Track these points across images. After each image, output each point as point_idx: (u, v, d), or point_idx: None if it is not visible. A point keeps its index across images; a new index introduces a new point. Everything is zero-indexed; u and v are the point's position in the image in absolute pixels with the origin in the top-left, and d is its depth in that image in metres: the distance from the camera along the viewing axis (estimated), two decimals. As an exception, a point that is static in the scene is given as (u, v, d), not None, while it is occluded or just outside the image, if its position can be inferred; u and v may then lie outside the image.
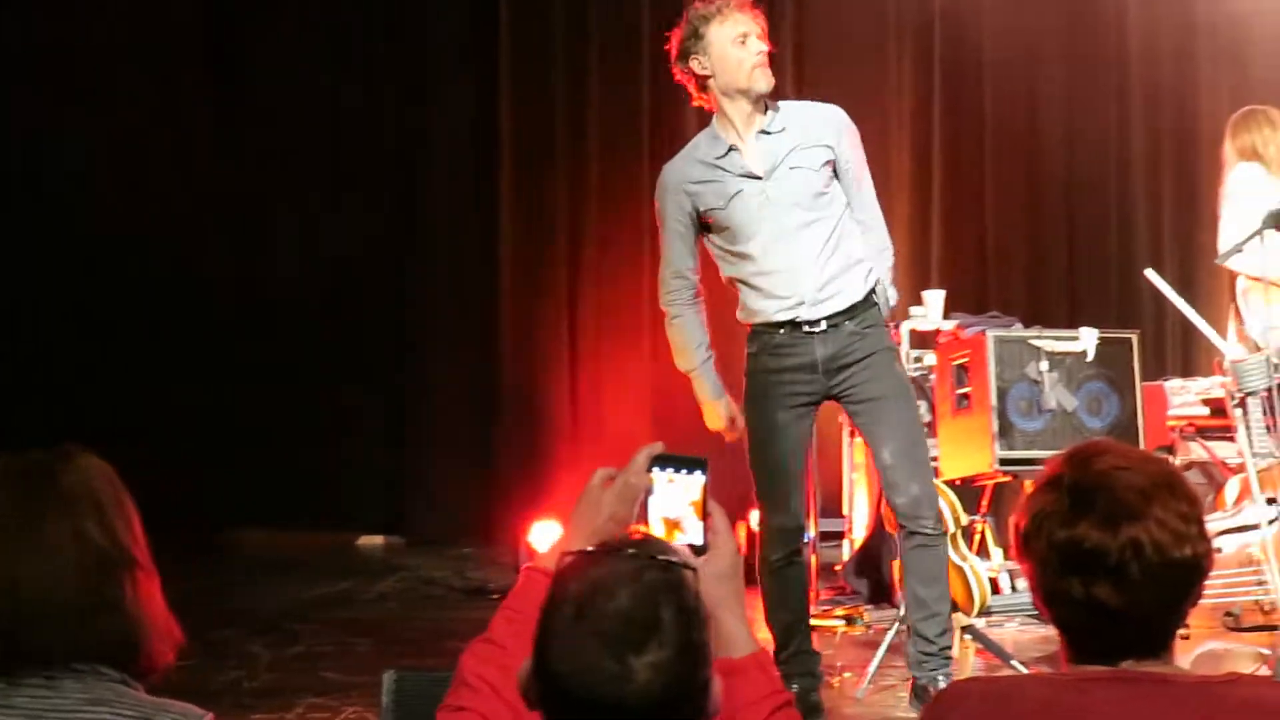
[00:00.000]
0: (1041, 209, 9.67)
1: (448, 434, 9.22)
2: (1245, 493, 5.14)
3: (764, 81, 4.66)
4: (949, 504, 6.32)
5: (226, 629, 6.20)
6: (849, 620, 6.26)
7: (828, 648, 6.06)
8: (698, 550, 1.98)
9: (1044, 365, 6.28)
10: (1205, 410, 6.84)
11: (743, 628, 1.98)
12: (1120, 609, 1.85)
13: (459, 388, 9.28)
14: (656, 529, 2.01)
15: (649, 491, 2.02)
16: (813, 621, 6.00)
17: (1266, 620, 5.06)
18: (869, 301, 4.70)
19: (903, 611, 5.18)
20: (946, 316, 7.38)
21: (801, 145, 4.69)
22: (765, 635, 4.73)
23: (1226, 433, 6.18)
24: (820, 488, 6.89)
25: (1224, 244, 5.77)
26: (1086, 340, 6.33)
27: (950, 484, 6.31)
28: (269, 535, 8.76)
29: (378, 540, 9.09)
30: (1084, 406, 6.40)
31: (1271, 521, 4.95)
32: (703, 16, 4.70)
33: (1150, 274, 5.37)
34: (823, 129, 4.75)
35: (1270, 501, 4.99)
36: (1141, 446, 6.57)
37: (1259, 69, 8.88)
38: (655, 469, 2.02)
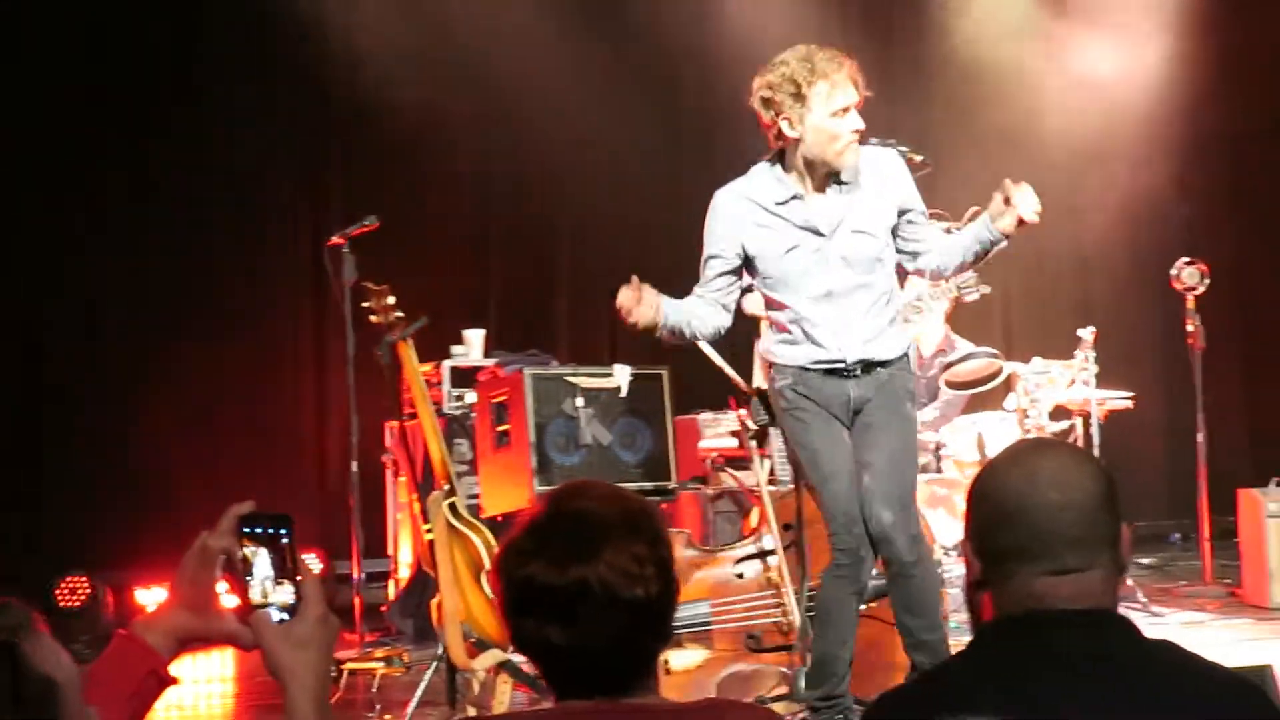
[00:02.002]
0: (585, 248, 9.94)
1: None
2: (764, 520, 5.38)
3: (852, 160, 4.54)
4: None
5: None
6: (388, 661, 6.21)
7: (368, 690, 6.01)
8: (290, 610, 1.87)
9: (580, 401, 6.44)
10: (735, 442, 7.12)
11: (307, 702, 1.82)
12: (570, 648, 1.88)
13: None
14: (256, 592, 1.90)
15: (240, 553, 1.90)
16: (351, 665, 5.95)
17: (785, 640, 5.29)
18: (904, 355, 4.71)
19: (440, 651, 5.19)
20: (487, 354, 7.47)
21: (870, 199, 4.59)
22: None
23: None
24: (363, 529, 6.83)
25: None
26: (620, 377, 6.51)
27: (493, 520, 6.35)
28: None
29: None
30: (619, 441, 6.58)
31: (787, 546, 5.19)
32: (810, 72, 4.45)
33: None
34: (888, 179, 4.65)
35: (786, 527, 5.23)
36: (674, 478, 6.82)
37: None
38: (246, 529, 1.92)
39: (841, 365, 4.58)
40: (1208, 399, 8.02)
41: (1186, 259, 7.84)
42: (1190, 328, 7.85)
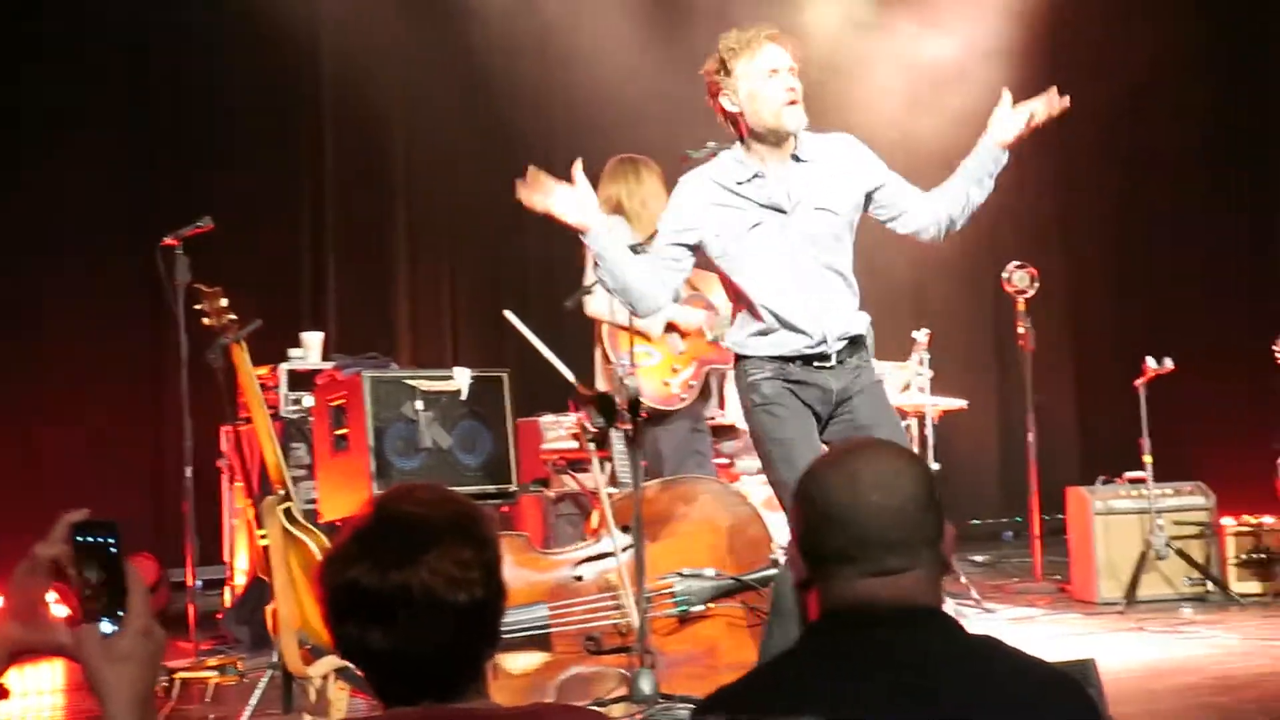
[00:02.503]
0: (426, 249, 9.88)
1: None
2: (603, 522, 5.38)
3: (793, 120, 4.50)
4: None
5: None
6: (222, 670, 6.09)
7: (202, 699, 5.90)
8: (119, 621, 1.78)
9: (420, 404, 6.39)
10: (576, 444, 7.12)
11: (125, 718, 1.71)
12: (393, 653, 1.86)
13: None
14: (86, 602, 1.82)
15: (71, 561, 1.83)
16: (184, 674, 5.84)
17: (624, 642, 5.30)
18: (866, 338, 4.67)
19: (275, 658, 5.12)
20: (325, 357, 7.37)
21: (831, 178, 4.58)
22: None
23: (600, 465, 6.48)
24: (199, 535, 6.69)
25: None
26: (460, 379, 6.48)
27: (331, 525, 6.28)
28: None
29: None
30: (459, 444, 6.54)
31: (626, 549, 5.20)
32: (731, 49, 4.52)
33: (509, 315, 5.55)
34: (848, 160, 4.63)
35: (624, 529, 5.24)
36: (515, 481, 6.80)
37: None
38: (79, 538, 1.84)
39: (823, 349, 4.54)
40: (1038, 400, 8.22)
41: (1017, 262, 8.02)
42: (1021, 330, 8.03)
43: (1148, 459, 7.44)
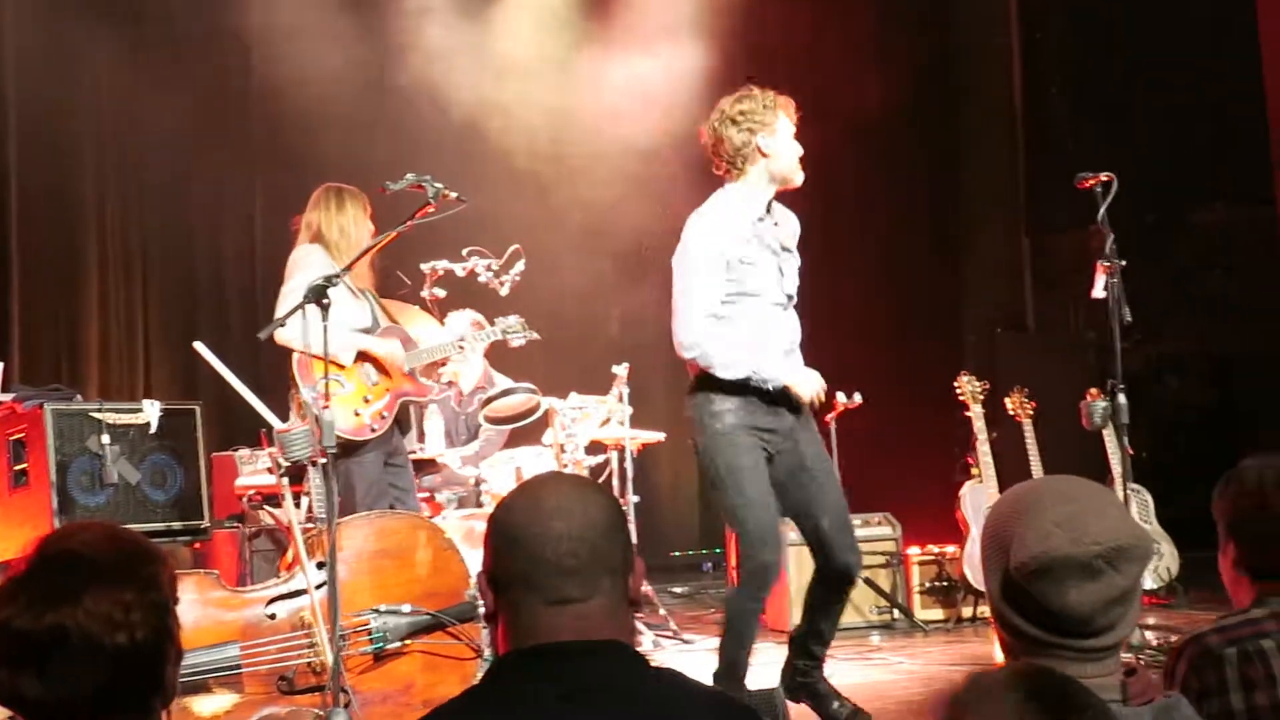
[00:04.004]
0: (118, 277, 9.53)
1: None
2: (297, 558, 5.26)
3: (800, 178, 5.22)
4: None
5: None
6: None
7: None
8: None
9: (106, 438, 6.16)
10: (273, 479, 6.96)
11: None
12: (47, 699, 1.78)
13: None
14: None
15: None
16: None
17: (319, 681, 5.18)
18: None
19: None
20: (5, 389, 7.04)
21: (791, 240, 5.31)
22: None
23: (296, 500, 6.35)
24: None
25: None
26: (150, 412, 6.28)
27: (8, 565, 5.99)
28: None
29: None
30: (148, 479, 6.34)
31: (319, 586, 5.10)
32: (773, 100, 5.18)
33: (199, 347, 5.39)
34: (797, 231, 5.35)
35: (320, 566, 5.13)
36: (207, 517, 6.62)
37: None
38: None
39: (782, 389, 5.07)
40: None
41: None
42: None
43: (838, 491, 7.65)
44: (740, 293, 5.10)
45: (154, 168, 9.28)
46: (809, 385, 5.11)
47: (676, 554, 10.56)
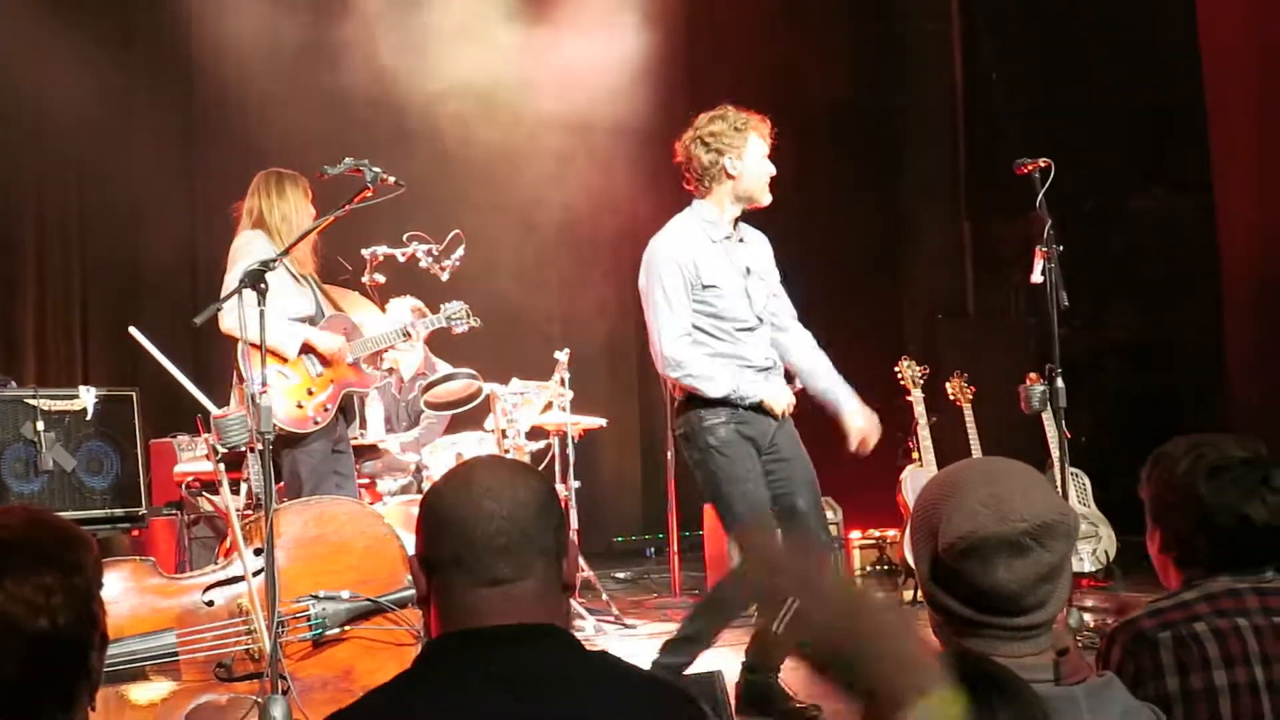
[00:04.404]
0: (54, 262, 9.43)
1: None
2: (234, 545, 5.23)
3: (767, 199, 5.30)
4: None
5: None
6: None
7: None
8: None
9: (41, 425, 6.11)
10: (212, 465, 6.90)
11: None
12: None
13: None
14: None
15: None
16: None
17: (257, 668, 5.15)
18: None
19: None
20: (-60, 377, 6.95)
21: (760, 260, 5.39)
22: None
23: (235, 486, 6.30)
24: None
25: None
26: (86, 399, 6.23)
27: None
28: None
29: None
30: (84, 466, 6.29)
31: (257, 572, 5.06)
32: (745, 122, 5.24)
33: (134, 332, 5.34)
34: (767, 251, 5.45)
35: (257, 552, 5.10)
36: (145, 504, 6.57)
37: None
38: None
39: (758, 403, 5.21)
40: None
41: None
42: (660, 351, 8.18)
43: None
44: (712, 315, 5.22)
45: (91, 151, 9.16)
46: (780, 399, 5.28)
47: (619, 539, 10.56)
